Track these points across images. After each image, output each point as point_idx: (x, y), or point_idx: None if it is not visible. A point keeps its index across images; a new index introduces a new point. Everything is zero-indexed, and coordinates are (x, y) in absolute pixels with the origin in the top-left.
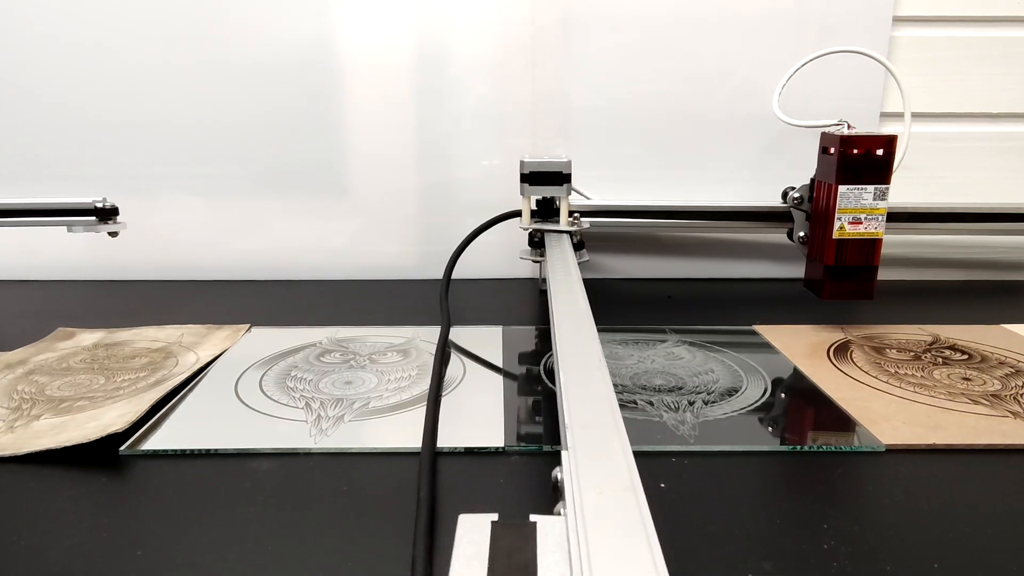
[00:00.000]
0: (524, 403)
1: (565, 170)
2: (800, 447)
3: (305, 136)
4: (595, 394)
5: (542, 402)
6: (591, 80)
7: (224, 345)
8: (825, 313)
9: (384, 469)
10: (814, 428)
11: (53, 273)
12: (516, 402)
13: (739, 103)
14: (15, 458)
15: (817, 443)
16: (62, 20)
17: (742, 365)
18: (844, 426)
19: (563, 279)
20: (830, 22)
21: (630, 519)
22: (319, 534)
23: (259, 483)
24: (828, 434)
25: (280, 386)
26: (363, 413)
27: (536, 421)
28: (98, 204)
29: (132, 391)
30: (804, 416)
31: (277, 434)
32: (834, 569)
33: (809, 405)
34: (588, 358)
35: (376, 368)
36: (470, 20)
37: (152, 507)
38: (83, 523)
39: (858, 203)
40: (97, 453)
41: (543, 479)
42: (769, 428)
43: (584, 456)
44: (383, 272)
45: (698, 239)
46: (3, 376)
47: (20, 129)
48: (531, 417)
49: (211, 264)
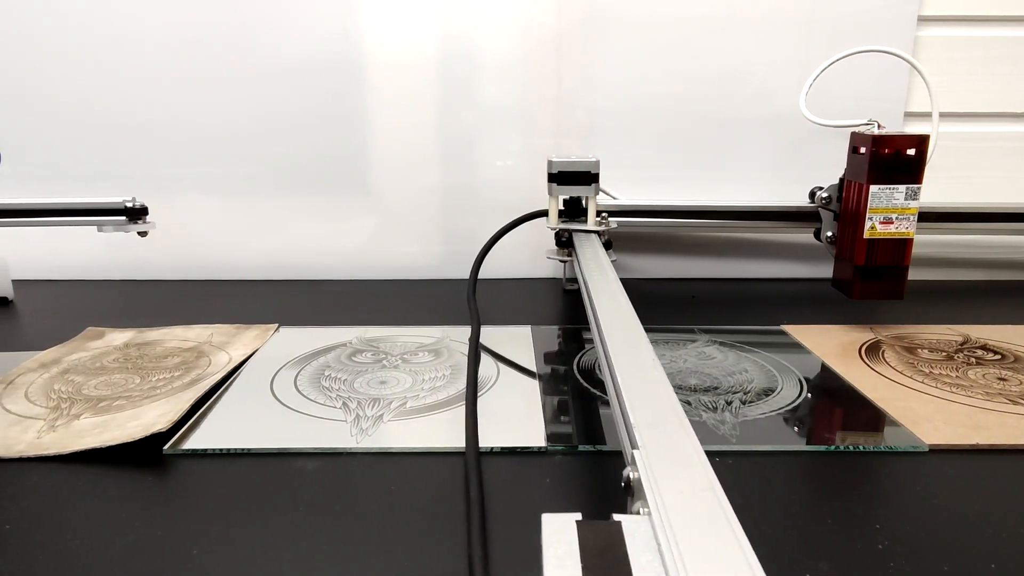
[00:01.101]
0: (560, 403)
1: (594, 170)
2: (843, 447)
3: (328, 135)
4: (656, 393)
5: (580, 402)
6: (615, 79)
7: (254, 345)
8: (851, 313)
9: (428, 468)
10: (855, 428)
11: (74, 272)
12: (552, 402)
13: (763, 103)
14: (60, 457)
15: (860, 443)
16: (84, 20)
17: (775, 365)
18: (885, 426)
19: (600, 279)
20: (855, 22)
21: (715, 519)
22: (372, 533)
23: (306, 482)
24: (870, 434)
25: (315, 385)
26: (401, 413)
27: (574, 421)
28: (128, 204)
29: (168, 390)
30: (843, 416)
31: (318, 434)
32: (892, 569)
33: (847, 405)
34: (642, 358)
35: (409, 368)
36: (495, 19)
37: (203, 506)
38: (136, 522)
39: (889, 203)
40: (140, 452)
41: (587, 478)
42: (809, 428)
43: (657, 456)
44: (404, 272)
45: (719, 239)
46: (38, 375)
47: (42, 129)
48: (570, 417)
49: (233, 264)
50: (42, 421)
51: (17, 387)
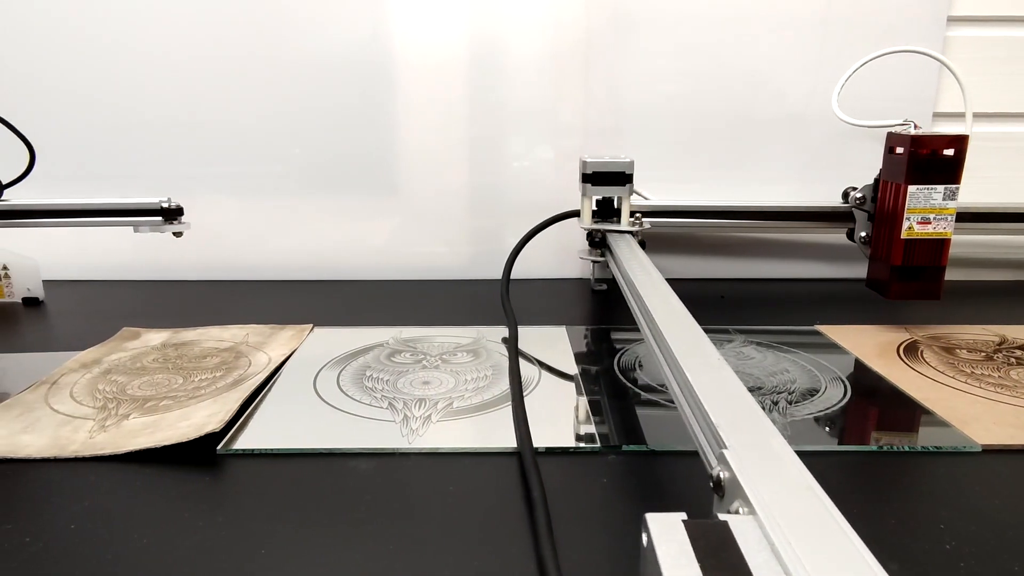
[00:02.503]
0: (605, 403)
1: (628, 170)
2: (897, 447)
3: (355, 135)
4: (730, 392)
5: (621, 401)
6: (642, 80)
7: (291, 345)
8: (882, 313)
9: (482, 468)
10: (904, 429)
11: (100, 273)
12: (597, 402)
13: (791, 104)
14: (114, 457)
15: (914, 444)
16: (110, 20)
17: (815, 365)
18: (935, 426)
19: (646, 280)
20: (885, 23)
21: (823, 518)
22: (438, 533)
23: (363, 483)
24: (920, 435)
25: (359, 386)
26: (448, 413)
27: (619, 421)
28: (163, 204)
29: (213, 391)
30: (892, 416)
31: (369, 434)
32: (962, 570)
33: (894, 405)
34: (708, 357)
35: (450, 368)
36: (523, 20)
37: (265, 506)
38: (200, 521)
39: (927, 203)
40: (193, 452)
41: (644, 478)
42: (859, 428)
43: (748, 455)
44: (430, 272)
45: (744, 239)
46: (81, 375)
47: (69, 130)
48: (611, 416)
49: (259, 264)
50: (92, 421)
51: (61, 387)
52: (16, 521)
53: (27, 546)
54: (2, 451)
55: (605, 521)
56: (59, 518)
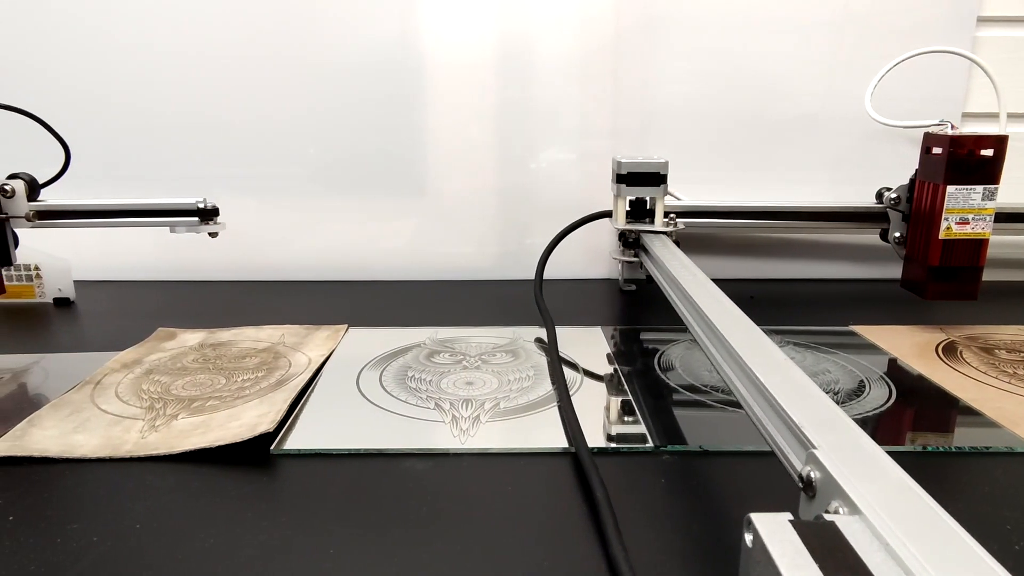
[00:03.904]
0: (650, 403)
1: (663, 171)
2: (948, 448)
3: (382, 135)
4: (806, 392)
5: (661, 401)
6: (671, 80)
7: (328, 345)
8: (914, 313)
9: (537, 468)
10: (953, 429)
11: (127, 273)
12: (639, 401)
13: (821, 104)
14: (169, 457)
15: (972, 445)
16: (137, 23)
17: (856, 365)
18: (985, 427)
19: (691, 279)
20: (914, 23)
21: (931, 518)
22: (503, 534)
23: (422, 483)
24: (973, 435)
25: (402, 386)
26: (496, 414)
27: (661, 420)
28: (200, 205)
29: (257, 391)
30: (940, 417)
31: (421, 434)
32: None
33: (940, 406)
34: (774, 356)
35: (491, 369)
36: (553, 20)
37: (326, 506)
38: (263, 521)
39: (966, 203)
40: (244, 453)
41: (701, 478)
42: (908, 429)
43: (839, 455)
44: (459, 272)
45: (771, 239)
46: (123, 375)
47: (101, 131)
48: (663, 416)
49: (286, 264)
50: (141, 421)
51: (105, 387)
52: (81, 520)
53: (96, 545)
54: (58, 450)
55: (667, 521)
56: (124, 518)
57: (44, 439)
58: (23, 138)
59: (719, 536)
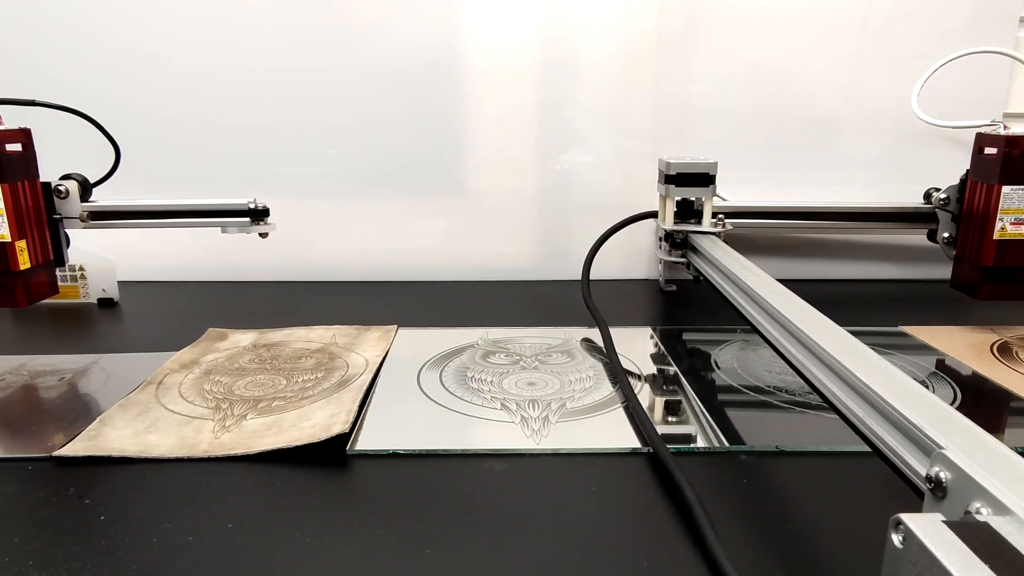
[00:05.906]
0: (714, 403)
1: (712, 171)
2: None
3: (424, 136)
4: (912, 391)
5: (722, 400)
6: (712, 81)
7: (381, 346)
8: (961, 314)
9: (616, 469)
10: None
11: (167, 274)
12: (704, 401)
13: (865, 105)
14: (244, 457)
15: None
16: (182, 28)
17: (913, 365)
18: None
19: (754, 279)
20: (956, 24)
21: None
22: (595, 533)
23: (503, 483)
24: None
25: (464, 387)
26: (565, 414)
27: (722, 420)
28: (250, 205)
29: (321, 391)
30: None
31: (494, 435)
32: None
33: (1009, 406)
34: (866, 355)
35: (550, 370)
36: (595, 22)
37: (412, 506)
38: (354, 521)
39: (1022, 204)
40: (317, 453)
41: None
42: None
43: (974, 455)
44: (499, 273)
45: (814, 240)
46: (183, 376)
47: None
48: (729, 417)
49: (325, 265)
50: (211, 421)
51: (168, 387)
52: (172, 520)
53: (192, 544)
54: (135, 450)
55: (756, 521)
56: (215, 517)
57: (119, 439)
58: (66, 138)
59: (810, 536)
